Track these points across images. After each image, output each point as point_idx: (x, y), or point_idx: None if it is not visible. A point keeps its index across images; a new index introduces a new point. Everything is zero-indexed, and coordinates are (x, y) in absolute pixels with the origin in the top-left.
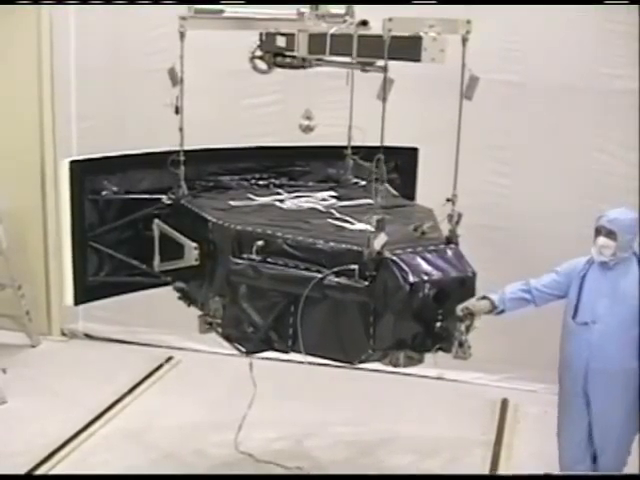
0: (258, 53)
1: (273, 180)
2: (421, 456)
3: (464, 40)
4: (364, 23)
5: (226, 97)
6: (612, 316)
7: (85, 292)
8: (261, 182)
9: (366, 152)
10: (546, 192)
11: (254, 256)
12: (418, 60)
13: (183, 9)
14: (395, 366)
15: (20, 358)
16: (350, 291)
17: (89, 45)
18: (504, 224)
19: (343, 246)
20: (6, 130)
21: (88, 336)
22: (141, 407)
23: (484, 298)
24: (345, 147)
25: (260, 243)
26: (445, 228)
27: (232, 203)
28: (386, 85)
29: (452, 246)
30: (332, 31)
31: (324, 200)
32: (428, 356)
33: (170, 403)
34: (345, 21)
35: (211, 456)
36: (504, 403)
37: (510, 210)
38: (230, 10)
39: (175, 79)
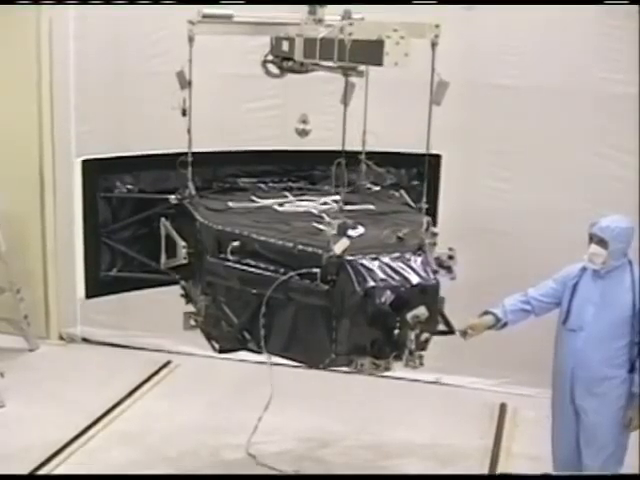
0: (270, 57)
1: (291, 184)
2: (420, 460)
3: (433, 44)
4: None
5: (227, 100)
6: (598, 324)
7: (97, 286)
8: (277, 185)
9: (381, 157)
10: (546, 196)
11: (228, 256)
12: (380, 64)
13: (183, 10)
14: (360, 372)
15: (18, 362)
16: (312, 294)
17: (89, 48)
18: (503, 228)
19: (308, 249)
20: (5, 133)
21: (86, 340)
22: (139, 411)
23: (487, 313)
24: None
25: (235, 243)
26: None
27: (230, 204)
28: (347, 89)
29: (419, 253)
30: (321, 36)
31: (325, 204)
32: (429, 361)
33: (168, 407)
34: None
35: (209, 459)
36: (502, 407)
37: (509, 214)
38: (239, 14)
39: (183, 82)
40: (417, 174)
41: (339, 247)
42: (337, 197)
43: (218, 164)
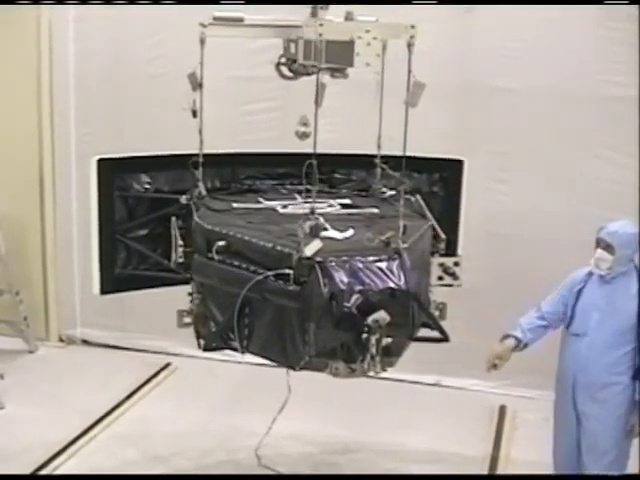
0: (283, 60)
1: (308, 186)
2: (419, 463)
3: (409, 45)
4: None
5: (229, 102)
6: (602, 330)
7: (111, 283)
8: (295, 187)
9: (396, 161)
10: (545, 198)
11: (213, 255)
12: (350, 65)
13: (184, 10)
14: (335, 376)
15: (18, 364)
16: (284, 295)
17: (88, 50)
18: (502, 230)
19: (285, 250)
20: (4, 135)
21: (86, 342)
22: (139, 413)
23: (506, 337)
24: (383, 156)
25: (221, 243)
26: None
27: (234, 205)
28: (319, 90)
29: (395, 257)
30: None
31: (330, 207)
32: (429, 363)
33: (168, 409)
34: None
35: (209, 461)
36: (502, 410)
37: (509, 217)
38: (248, 16)
39: (195, 83)
40: (439, 179)
41: (310, 249)
42: (347, 201)
43: (237, 165)
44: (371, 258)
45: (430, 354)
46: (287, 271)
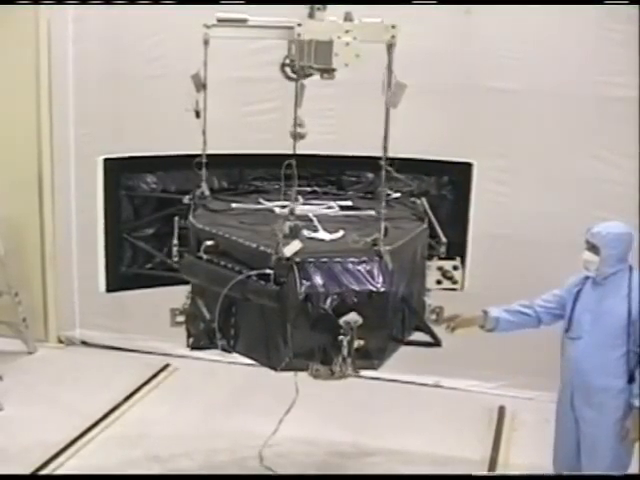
0: (287, 61)
1: (317, 188)
2: (418, 464)
3: (391, 45)
4: None
5: (231, 102)
6: (594, 332)
7: (117, 281)
8: (303, 189)
9: (401, 163)
10: (546, 200)
11: (201, 254)
12: (330, 65)
13: (183, 10)
14: (316, 378)
15: (17, 365)
16: (265, 295)
17: (87, 50)
18: (503, 232)
19: (267, 250)
20: (3, 136)
21: (85, 343)
22: (138, 414)
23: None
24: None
25: (209, 243)
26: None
27: (233, 205)
28: (298, 90)
29: (375, 259)
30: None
31: (329, 208)
32: (429, 364)
33: (167, 410)
34: None
35: (208, 462)
36: (501, 411)
37: (509, 218)
38: (252, 18)
39: (199, 84)
40: (448, 182)
41: (289, 249)
42: (349, 202)
43: (244, 166)
44: (351, 260)
45: (429, 355)
46: (267, 271)
